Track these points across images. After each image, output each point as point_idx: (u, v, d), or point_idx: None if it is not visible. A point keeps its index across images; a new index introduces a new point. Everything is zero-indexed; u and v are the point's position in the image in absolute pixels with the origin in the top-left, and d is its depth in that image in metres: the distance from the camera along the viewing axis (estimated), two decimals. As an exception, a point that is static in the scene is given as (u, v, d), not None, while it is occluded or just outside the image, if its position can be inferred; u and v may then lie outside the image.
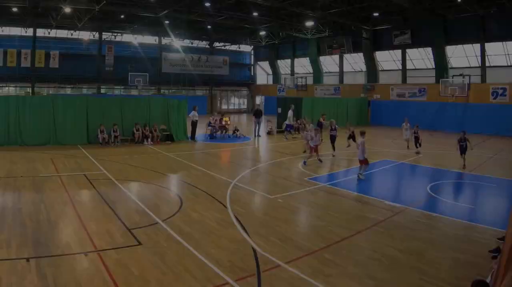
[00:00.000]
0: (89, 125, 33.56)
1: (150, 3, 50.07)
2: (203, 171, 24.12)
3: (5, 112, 31.25)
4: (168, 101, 37.80)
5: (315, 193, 19.79)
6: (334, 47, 67.08)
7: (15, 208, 15.85)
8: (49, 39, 66.10)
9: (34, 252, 11.72)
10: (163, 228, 14.06)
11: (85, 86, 71.47)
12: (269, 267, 11.22)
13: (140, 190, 19.97)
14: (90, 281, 10.08)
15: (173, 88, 78.13)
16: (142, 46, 73.81)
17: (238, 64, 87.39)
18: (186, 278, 10.51)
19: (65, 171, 23.08)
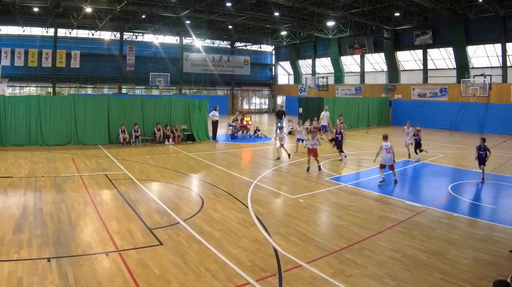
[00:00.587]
0: (110, 125, 33.75)
1: (171, 3, 50.24)
2: (224, 171, 24.17)
3: (27, 113, 31.48)
4: (189, 101, 37.82)
5: (336, 193, 19.73)
6: (356, 47, 66.72)
7: (36, 208, 15.96)
8: (70, 39, 66.54)
9: (55, 251, 11.79)
10: (184, 228, 14.12)
11: (106, 86, 71.89)
12: (290, 267, 11.22)
13: (161, 189, 19.99)
14: (111, 281, 10.12)
15: (194, 88, 78.36)
16: (163, 46, 73.99)
17: (259, 64, 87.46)
18: (207, 278, 10.54)
19: (86, 171, 23.21)
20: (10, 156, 26.98)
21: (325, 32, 64.66)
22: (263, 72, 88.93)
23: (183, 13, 53.09)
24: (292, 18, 57.12)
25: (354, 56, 70.37)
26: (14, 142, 30.69)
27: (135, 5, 51.32)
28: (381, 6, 49.17)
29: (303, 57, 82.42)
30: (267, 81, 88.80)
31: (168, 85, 72.98)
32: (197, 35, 69.85)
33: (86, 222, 14.51)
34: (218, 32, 71.98)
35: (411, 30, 57.54)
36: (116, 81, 70.62)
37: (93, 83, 69.45)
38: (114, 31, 68.72)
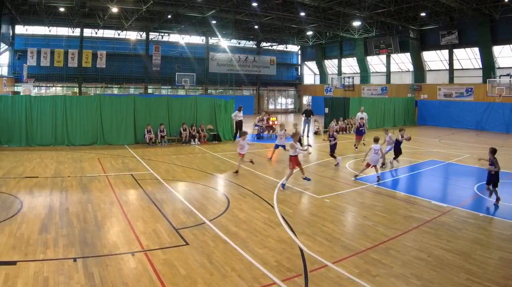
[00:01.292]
0: (136, 125, 33.91)
1: (197, 3, 50.46)
2: (250, 171, 24.13)
3: (53, 113, 31.76)
4: (215, 101, 37.90)
5: (362, 193, 19.69)
6: (381, 47, 66.83)
7: (62, 208, 16.05)
8: (96, 39, 67.24)
9: (81, 251, 11.84)
10: (210, 228, 14.12)
11: (132, 86, 72.47)
12: (316, 267, 11.18)
13: (187, 189, 19.98)
14: (137, 281, 10.15)
15: (220, 88, 78.66)
16: (189, 46, 74.39)
17: (285, 64, 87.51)
18: (233, 278, 10.52)
19: (112, 171, 23.34)
20: (36, 156, 27.22)
21: (351, 32, 64.56)
22: (289, 72, 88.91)
23: (209, 13, 53.30)
24: (318, 18, 57.13)
25: (380, 56, 70.42)
26: (40, 142, 30.99)
27: (161, 5, 51.67)
28: (407, 6, 49.13)
29: (329, 57, 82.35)
30: (293, 81, 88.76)
31: (194, 85, 73.38)
32: (223, 35, 70.04)
33: (112, 222, 14.58)
34: (244, 32, 72.22)
35: (437, 30, 57.45)
36: (142, 81, 71.18)
37: (119, 83, 70.06)
38: (140, 31, 69.38)
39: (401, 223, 15.13)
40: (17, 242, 12.24)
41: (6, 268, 10.61)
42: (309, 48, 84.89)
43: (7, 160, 25.47)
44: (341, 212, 16.65)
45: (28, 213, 15.26)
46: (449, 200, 18.87)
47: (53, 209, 15.86)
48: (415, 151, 32.89)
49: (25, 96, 33.12)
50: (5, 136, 30.72)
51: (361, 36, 65.81)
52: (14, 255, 11.43)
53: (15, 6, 51.52)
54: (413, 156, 30.45)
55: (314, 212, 16.47)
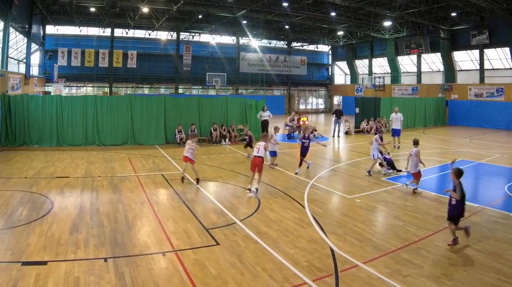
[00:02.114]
0: (166, 125, 34.07)
1: (228, 3, 50.59)
2: (281, 171, 24.18)
3: (83, 113, 32.05)
4: (246, 101, 37.97)
5: (392, 193, 19.63)
6: (412, 47, 66.44)
7: (93, 208, 16.18)
8: (126, 39, 67.79)
9: (111, 251, 11.93)
10: (241, 228, 14.15)
11: (163, 86, 72.81)
12: (346, 267, 11.17)
13: (217, 189, 20.04)
14: (168, 281, 10.16)
15: (250, 88, 78.77)
16: (220, 46, 74.68)
17: (316, 64, 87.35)
18: (263, 278, 10.53)
19: (143, 171, 23.48)
20: (67, 156, 27.45)
21: (382, 32, 64.29)
22: (319, 72, 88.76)
23: (240, 13, 53.47)
24: (348, 18, 56.96)
25: (410, 56, 70.04)
26: (71, 142, 31.27)
27: (192, 5, 51.83)
28: (438, 6, 48.84)
29: (359, 57, 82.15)
30: (323, 81, 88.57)
31: (225, 85, 73.53)
32: (253, 35, 70.16)
33: (142, 222, 14.64)
34: (275, 32, 72.20)
35: (467, 30, 57.01)
36: (173, 81, 71.56)
37: (150, 83, 70.56)
38: (170, 31, 69.80)
39: (432, 223, 15.09)
40: (48, 242, 12.34)
41: (37, 268, 10.71)
42: (340, 48, 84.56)
43: (38, 160, 25.70)
44: (372, 212, 16.62)
45: (59, 213, 15.39)
46: (479, 200, 18.75)
47: (84, 209, 16.00)
48: (446, 151, 32.70)
49: (55, 96, 33.47)
50: (36, 136, 31.10)
51: (392, 36, 65.49)
52: (45, 255, 11.53)
53: (46, 6, 52.14)
54: (443, 156, 30.20)
55: (345, 212, 16.45)
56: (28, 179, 20.64)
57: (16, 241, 12.48)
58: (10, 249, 11.86)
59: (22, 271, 10.42)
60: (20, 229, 13.47)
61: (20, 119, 30.96)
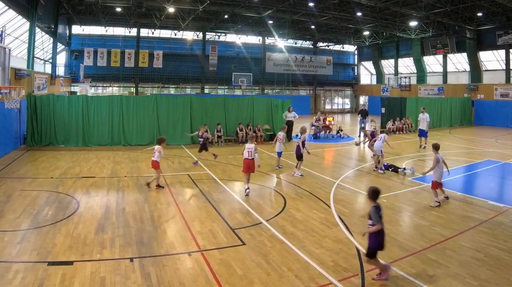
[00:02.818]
0: (192, 126, 34.01)
1: (254, 3, 50.63)
2: (307, 171, 24.05)
3: (109, 113, 32.32)
4: (272, 101, 37.90)
5: (418, 193, 19.61)
6: (438, 47, 66.05)
7: (119, 208, 16.31)
8: (152, 39, 68.01)
9: (137, 251, 12.01)
10: (267, 228, 14.18)
11: (189, 86, 72.97)
12: (372, 267, 11.10)
13: (243, 189, 19.73)
14: (194, 281, 10.21)
15: (276, 88, 78.58)
16: (246, 46, 74.75)
17: (341, 64, 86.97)
18: (289, 278, 10.56)
19: (169, 171, 23.55)
20: (92, 155, 27.62)
21: (408, 32, 63.89)
22: (345, 72, 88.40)
23: (266, 13, 53.41)
24: (374, 18, 56.76)
25: (436, 56, 69.61)
26: (97, 142, 31.50)
27: (218, 5, 51.94)
28: (464, 6, 48.47)
29: (385, 57, 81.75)
30: (349, 81, 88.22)
31: (251, 85, 73.55)
32: (279, 35, 70.07)
33: (168, 222, 14.73)
34: (301, 32, 72.04)
35: (493, 30, 56.65)
36: (199, 81, 71.74)
37: (176, 83, 70.80)
38: (196, 31, 69.92)
39: (457, 223, 15.06)
40: (73, 242, 12.44)
41: (63, 268, 10.80)
42: (366, 48, 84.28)
43: (64, 160, 25.88)
44: (398, 212, 16.63)
45: (84, 213, 15.52)
46: (506, 199, 18.71)
47: (110, 209, 16.13)
48: (472, 151, 32.53)
49: (81, 96, 33.80)
50: (62, 136, 31.38)
51: (418, 36, 65.08)
52: (71, 255, 11.64)
53: (71, 6, 52.46)
54: (469, 156, 30.10)
55: (370, 212, 16.34)
56: (54, 179, 20.81)
57: (42, 241, 12.59)
58: (36, 249, 11.97)
59: (48, 271, 10.51)
60: (46, 229, 13.60)
61: (46, 119, 31.26)
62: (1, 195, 17.81)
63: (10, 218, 14.68)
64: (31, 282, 9.99)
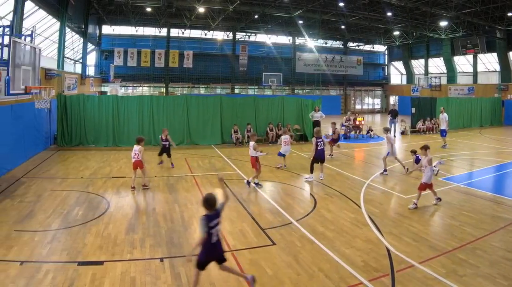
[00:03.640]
0: (222, 125, 34.23)
1: (284, 3, 50.75)
2: (337, 171, 24.10)
3: (139, 113, 32.54)
4: (302, 101, 37.80)
5: (448, 193, 19.39)
6: (468, 47, 65.57)
7: (149, 208, 16.41)
8: (183, 39, 68.43)
9: (167, 251, 12.06)
10: (297, 228, 14.17)
11: (219, 86, 73.30)
12: (403, 267, 11.16)
13: (273, 189, 20.07)
14: (224, 281, 10.24)
15: (307, 88, 78.53)
16: (276, 46, 74.72)
17: (372, 64, 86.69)
18: (320, 278, 10.54)
19: (199, 171, 23.68)
20: (123, 155, 27.75)
21: (438, 32, 63.46)
22: (375, 72, 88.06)
23: (296, 13, 53.53)
24: (404, 18, 56.53)
25: (466, 56, 69.12)
26: (127, 142, 31.48)
27: (248, 5, 52.11)
28: (494, 6, 48.30)
29: (415, 57, 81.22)
30: (379, 81, 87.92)
31: (281, 85, 73.60)
32: (309, 35, 70.00)
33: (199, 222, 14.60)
34: (331, 32, 71.89)
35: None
36: (229, 81, 72.08)
37: (206, 83, 71.17)
38: (226, 31, 70.11)
39: (488, 223, 14.95)
40: (104, 242, 12.52)
41: (93, 268, 10.88)
42: (396, 48, 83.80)
43: (94, 159, 26.05)
44: (428, 212, 16.54)
45: (115, 213, 15.63)
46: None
47: (140, 209, 16.28)
48: (502, 151, 32.25)
49: (112, 96, 34.06)
50: (92, 136, 31.66)
51: (448, 36, 64.59)
52: (101, 255, 11.72)
53: (102, 6, 52.85)
54: (499, 156, 29.83)
55: (400, 212, 16.42)
56: (84, 179, 20.96)
57: (73, 241, 12.68)
58: (66, 249, 12.07)
59: (78, 271, 10.58)
60: (76, 229, 13.71)
61: (76, 119, 31.57)
62: (31, 195, 18.01)
63: (41, 218, 14.82)
64: (61, 282, 10.07)
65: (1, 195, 17.92)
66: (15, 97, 21.73)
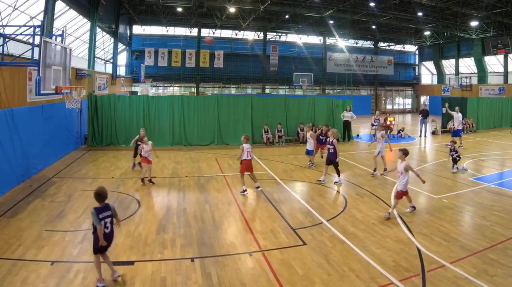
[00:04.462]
0: (253, 125, 34.26)
1: (315, 3, 50.67)
2: (368, 171, 23.98)
3: (170, 113, 32.64)
4: (333, 101, 37.80)
5: (479, 193, 19.31)
6: (499, 47, 64.89)
7: (180, 208, 16.48)
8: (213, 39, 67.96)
9: (198, 251, 12.11)
10: (328, 228, 14.19)
11: (250, 86, 73.34)
12: (433, 267, 11.16)
13: (304, 189, 20.04)
14: (255, 281, 10.26)
15: (337, 88, 78.26)
16: (307, 46, 74.59)
17: (402, 64, 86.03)
18: (350, 278, 10.58)
19: (230, 171, 23.70)
20: (153, 155, 27.74)
21: (469, 32, 63.02)
22: (406, 72, 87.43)
23: (327, 13, 53.31)
24: (435, 18, 56.16)
25: (497, 56, 68.44)
26: (158, 142, 31.34)
27: (279, 5, 52.07)
28: (525, 5, 47.49)
29: (446, 57, 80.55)
30: (410, 81, 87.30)
31: (312, 85, 73.37)
32: (340, 35, 69.74)
33: (229, 222, 14.80)
34: (362, 32, 71.61)
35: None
36: (260, 81, 71.99)
37: (237, 83, 71.15)
38: (257, 31, 70.16)
39: (519, 222, 14.90)
40: (134, 242, 12.63)
41: (124, 267, 11.00)
42: (427, 48, 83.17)
43: (124, 159, 26.20)
44: (459, 212, 16.46)
45: (145, 213, 15.76)
46: None
47: (171, 209, 16.32)
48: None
49: (142, 96, 34.23)
50: (123, 136, 31.83)
51: (479, 36, 64.08)
52: (131, 255, 11.85)
53: (132, 6, 53.18)
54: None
55: (431, 212, 16.39)
56: (115, 179, 21.11)
57: (103, 241, 12.70)
58: (97, 248, 12.10)
59: (109, 271, 10.63)
60: (107, 229, 13.72)
61: (107, 119, 31.85)
62: (62, 195, 18.22)
63: (71, 218, 15.00)
64: (92, 282, 10.21)
65: (32, 195, 18.16)
66: (45, 98, 21.95)
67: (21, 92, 20.52)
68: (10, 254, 11.76)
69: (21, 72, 20.45)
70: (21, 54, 19.58)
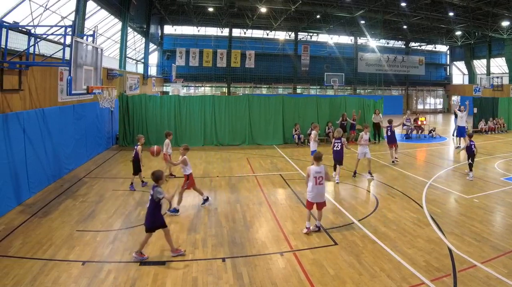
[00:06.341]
0: (284, 125, 34.27)
1: (346, 3, 50.68)
2: (399, 171, 23.94)
3: (201, 113, 32.75)
4: (364, 101, 37.79)
5: (510, 193, 19.16)
6: (531, 47, 64.47)
7: (211, 208, 16.53)
8: (244, 39, 68.76)
9: (229, 251, 12.16)
10: (359, 228, 14.19)
11: (281, 86, 73.35)
12: (464, 267, 11.13)
13: (335, 189, 19.94)
14: (286, 281, 10.27)
15: (368, 88, 78.22)
16: (338, 46, 74.58)
17: (433, 64, 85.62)
18: (381, 278, 10.58)
19: (261, 171, 23.72)
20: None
21: (500, 32, 62.46)
22: (437, 72, 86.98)
23: (358, 13, 53.37)
24: (466, 18, 55.84)
25: (529, 57, 67.79)
26: (189, 142, 31.35)
27: (310, 5, 52.10)
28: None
29: (477, 57, 79.90)
30: (441, 81, 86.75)
31: (343, 85, 73.15)
32: (371, 35, 69.54)
33: (260, 222, 14.82)
34: (393, 32, 71.29)
35: None
36: (291, 81, 72.09)
37: (268, 83, 71.29)
38: (288, 31, 70.37)
39: (552, 222, 14.78)
40: (166, 242, 12.53)
41: (155, 268, 11.10)
42: (458, 48, 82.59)
43: (155, 160, 26.20)
44: (490, 212, 16.33)
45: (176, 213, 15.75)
46: None
47: (202, 209, 16.39)
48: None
49: (174, 96, 34.32)
50: (154, 136, 31.87)
51: (510, 36, 63.44)
52: (163, 255, 11.91)
53: (164, 6, 53.51)
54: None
55: (462, 212, 16.30)
56: (146, 179, 21.04)
57: (134, 241, 12.89)
58: (128, 248, 12.30)
59: (140, 271, 10.77)
60: (138, 229, 13.91)
61: (138, 119, 32.04)
62: (93, 195, 18.42)
63: (102, 218, 15.15)
64: (123, 281, 10.30)
65: (64, 194, 18.35)
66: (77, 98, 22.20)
67: (52, 92, 20.71)
68: (42, 254, 11.90)
69: (53, 72, 20.65)
70: (52, 54, 19.73)
